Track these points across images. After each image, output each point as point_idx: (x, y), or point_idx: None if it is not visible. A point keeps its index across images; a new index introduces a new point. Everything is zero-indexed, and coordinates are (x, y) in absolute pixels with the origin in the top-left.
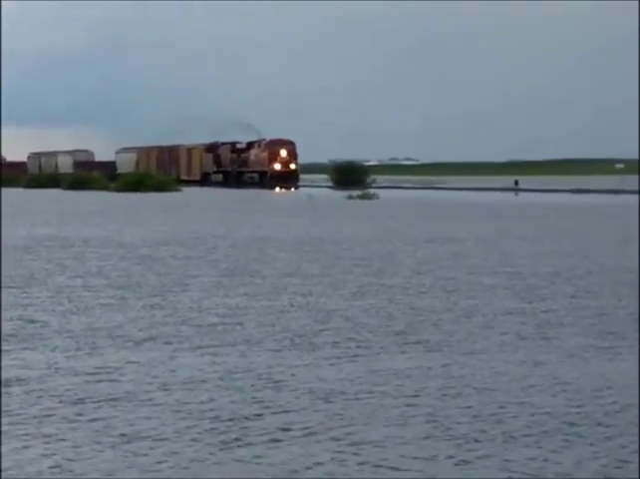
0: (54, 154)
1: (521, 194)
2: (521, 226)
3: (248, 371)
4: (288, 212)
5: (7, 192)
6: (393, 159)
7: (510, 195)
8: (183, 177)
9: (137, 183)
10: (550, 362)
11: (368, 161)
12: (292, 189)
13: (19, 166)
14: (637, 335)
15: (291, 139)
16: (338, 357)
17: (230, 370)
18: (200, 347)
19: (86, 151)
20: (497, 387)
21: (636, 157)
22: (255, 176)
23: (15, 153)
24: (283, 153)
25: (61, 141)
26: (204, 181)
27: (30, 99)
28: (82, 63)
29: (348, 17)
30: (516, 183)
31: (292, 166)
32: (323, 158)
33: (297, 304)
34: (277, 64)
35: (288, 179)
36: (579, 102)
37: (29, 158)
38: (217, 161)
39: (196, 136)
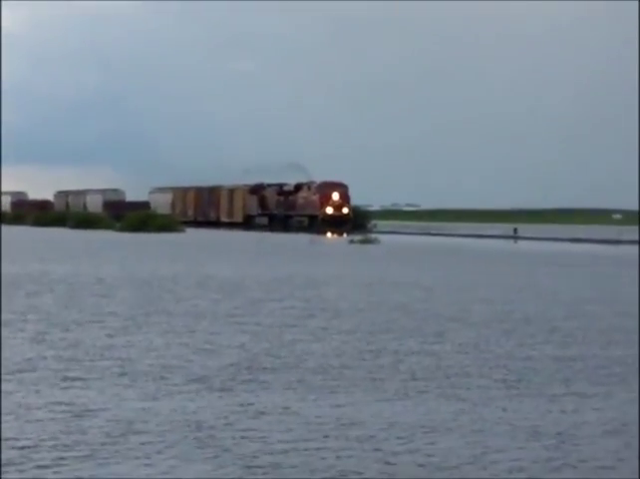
0: (83, 192)
1: (520, 241)
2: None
3: None
4: (274, 255)
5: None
6: (394, 204)
7: (510, 242)
8: (224, 219)
9: (140, 223)
10: (352, 403)
11: (370, 206)
12: (344, 234)
13: (44, 204)
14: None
15: (343, 181)
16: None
17: None
18: None
19: (116, 190)
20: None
21: (633, 207)
22: (304, 219)
23: (43, 191)
24: (335, 196)
25: (92, 180)
26: (248, 224)
27: (63, 138)
28: (108, 102)
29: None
30: (515, 231)
31: (345, 210)
32: None
33: (178, 341)
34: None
35: (340, 223)
36: (580, 153)
37: (56, 196)
38: (263, 203)
39: (228, 177)
